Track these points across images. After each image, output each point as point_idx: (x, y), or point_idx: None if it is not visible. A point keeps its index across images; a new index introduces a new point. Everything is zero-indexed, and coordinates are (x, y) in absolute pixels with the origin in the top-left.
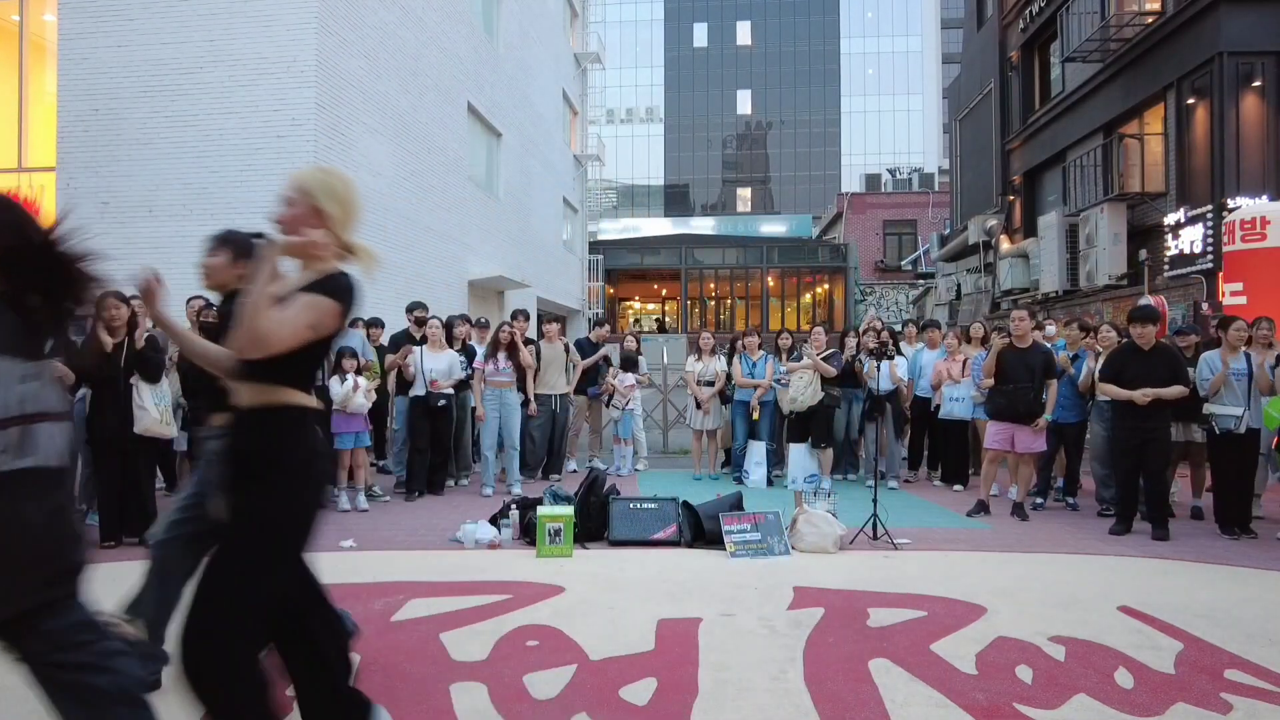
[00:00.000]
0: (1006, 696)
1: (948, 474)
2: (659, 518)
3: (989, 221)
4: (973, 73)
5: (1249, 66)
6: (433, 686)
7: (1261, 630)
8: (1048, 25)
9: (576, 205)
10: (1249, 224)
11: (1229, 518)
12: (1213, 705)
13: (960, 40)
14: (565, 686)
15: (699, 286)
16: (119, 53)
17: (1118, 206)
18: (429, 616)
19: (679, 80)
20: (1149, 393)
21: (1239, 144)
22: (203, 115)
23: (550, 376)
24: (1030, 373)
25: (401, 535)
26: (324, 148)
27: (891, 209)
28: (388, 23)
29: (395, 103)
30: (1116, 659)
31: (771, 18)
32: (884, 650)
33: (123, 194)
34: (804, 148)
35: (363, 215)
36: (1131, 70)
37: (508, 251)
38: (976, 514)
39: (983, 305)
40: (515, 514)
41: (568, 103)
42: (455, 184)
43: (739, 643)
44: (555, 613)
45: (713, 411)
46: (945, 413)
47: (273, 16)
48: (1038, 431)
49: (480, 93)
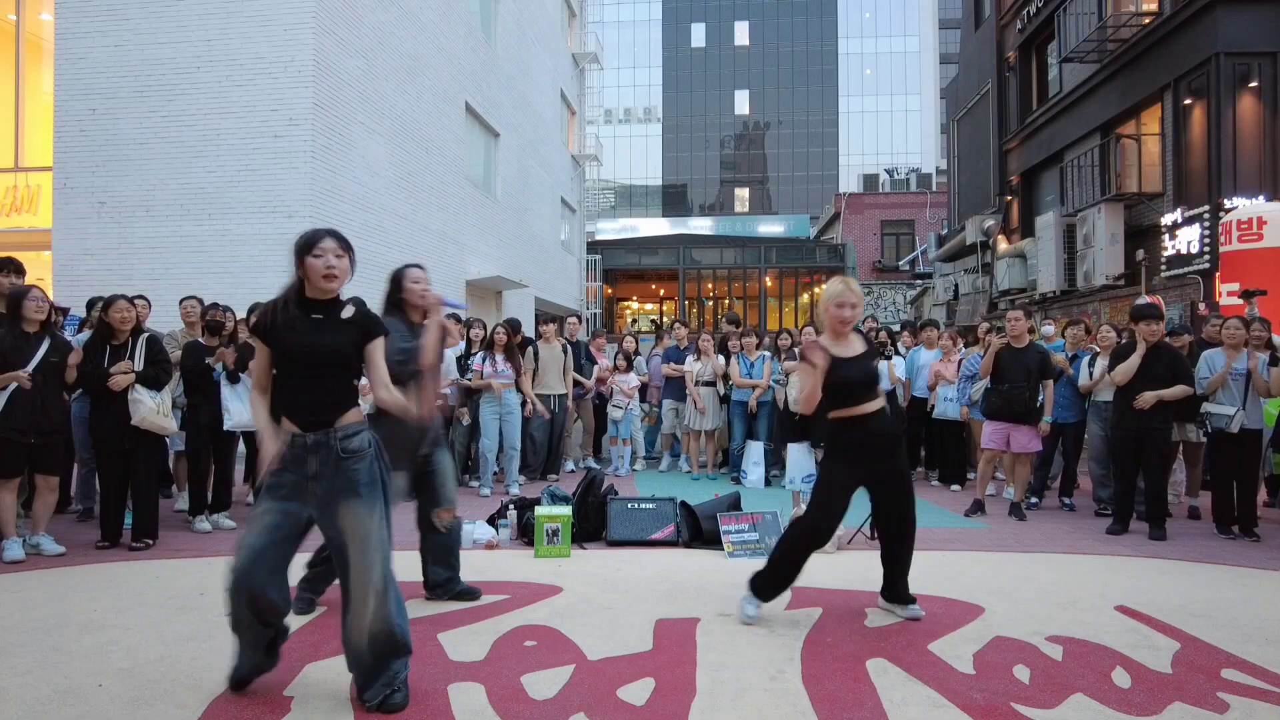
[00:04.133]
0: (1004, 696)
1: (945, 474)
2: (657, 518)
3: (986, 222)
4: (970, 73)
5: (1246, 67)
6: (431, 686)
7: (1259, 630)
8: (1045, 26)
9: (574, 205)
10: (1246, 224)
11: (1227, 518)
12: (1210, 705)
13: (958, 40)
14: (563, 687)
15: (697, 286)
16: (116, 52)
17: (1115, 207)
18: (427, 617)
19: (677, 80)
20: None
21: (1236, 144)
22: (200, 115)
23: (549, 377)
24: (1026, 373)
25: (399, 535)
26: (321, 148)
27: (889, 209)
28: (385, 23)
29: (393, 103)
30: (1114, 658)
31: (769, 18)
32: (882, 650)
33: (119, 194)
34: (802, 148)
35: (358, 215)
36: (1129, 71)
37: (505, 252)
38: (973, 514)
39: (980, 305)
40: (513, 514)
41: (566, 103)
42: (453, 184)
43: (737, 643)
44: (553, 613)
45: (710, 411)
46: (940, 413)
47: (270, 16)
48: (1040, 434)
49: (478, 93)
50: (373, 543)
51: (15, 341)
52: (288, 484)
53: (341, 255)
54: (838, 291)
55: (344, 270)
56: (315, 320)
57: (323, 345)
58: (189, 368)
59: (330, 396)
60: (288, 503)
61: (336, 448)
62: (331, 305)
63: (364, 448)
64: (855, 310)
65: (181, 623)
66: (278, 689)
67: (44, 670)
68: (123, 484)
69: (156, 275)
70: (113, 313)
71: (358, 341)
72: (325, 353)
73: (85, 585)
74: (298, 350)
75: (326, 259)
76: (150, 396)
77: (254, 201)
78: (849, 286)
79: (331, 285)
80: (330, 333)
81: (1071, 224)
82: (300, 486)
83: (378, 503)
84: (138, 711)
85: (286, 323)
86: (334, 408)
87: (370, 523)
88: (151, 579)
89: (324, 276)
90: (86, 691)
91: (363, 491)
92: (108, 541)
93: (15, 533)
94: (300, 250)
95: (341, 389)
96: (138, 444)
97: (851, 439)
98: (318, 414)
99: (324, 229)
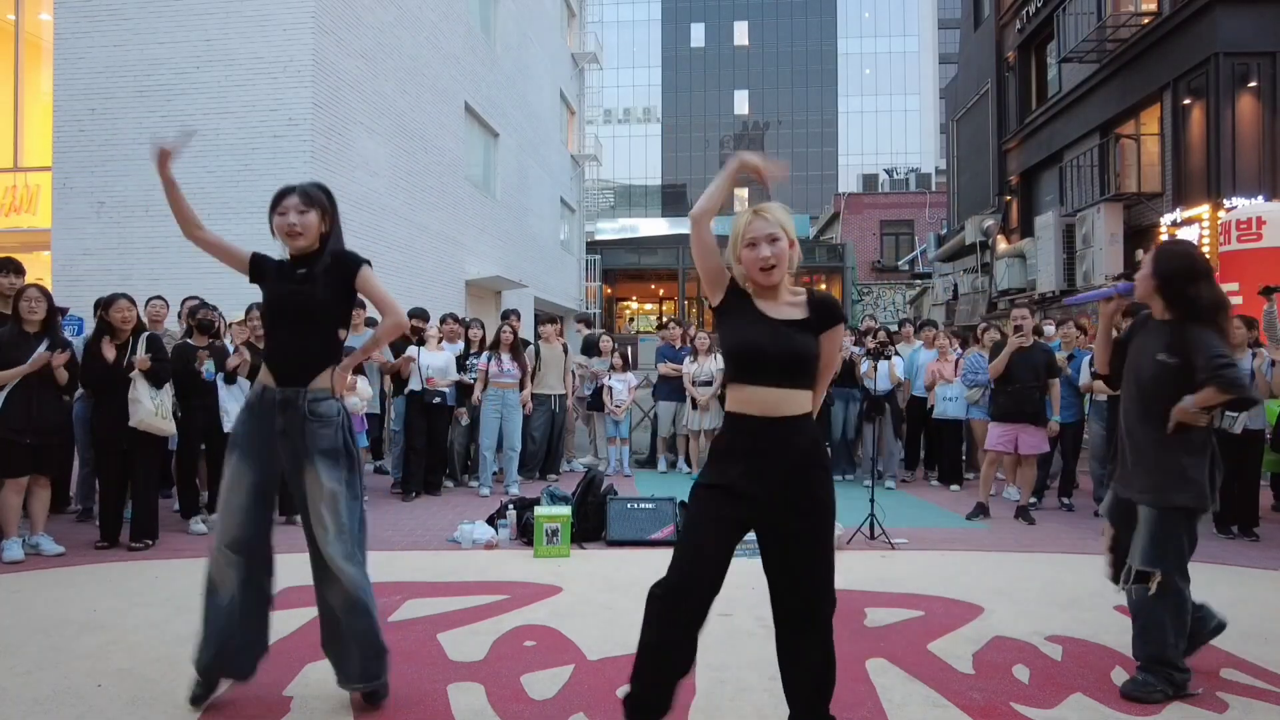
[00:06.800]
0: (1003, 696)
1: (944, 474)
2: (656, 518)
3: (986, 222)
4: (970, 73)
5: (1245, 67)
6: (430, 687)
7: (1258, 629)
8: (1044, 26)
9: (574, 205)
10: (1245, 224)
11: (1228, 517)
12: (1209, 704)
13: (957, 40)
14: (563, 686)
15: (697, 286)
16: (115, 52)
17: (1114, 207)
18: (426, 617)
19: (676, 80)
20: None
21: (1235, 144)
22: (199, 115)
23: (549, 377)
24: (1034, 372)
25: (399, 536)
26: (321, 148)
27: (888, 209)
28: (385, 22)
29: (392, 103)
30: (1113, 658)
31: (769, 18)
32: (881, 650)
33: (119, 194)
34: (801, 148)
35: (358, 215)
36: (1128, 71)
37: (505, 251)
38: (976, 516)
39: (979, 305)
40: (512, 514)
41: (565, 103)
42: (452, 184)
43: (736, 643)
44: (553, 613)
45: (710, 411)
46: (939, 413)
47: (269, 16)
48: (1049, 434)
49: (477, 93)
50: (337, 509)
51: (15, 340)
52: (258, 438)
53: (305, 210)
54: (744, 222)
55: (308, 225)
56: (300, 274)
57: (303, 295)
58: (177, 370)
59: (308, 353)
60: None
61: (304, 408)
62: (315, 259)
63: (330, 415)
64: (777, 246)
65: (181, 623)
66: (278, 689)
67: (44, 670)
68: (123, 484)
69: (156, 275)
70: (114, 312)
71: (339, 285)
72: (308, 305)
73: (85, 585)
74: (282, 300)
75: (288, 217)
76: (149, 398)
77: (254, 201)
78: (759, 214)
79: (296, 243)
80: (311, 284)
81: (1071, 224)
82: (270, 441)
83: (339, 471)
84: (138, 711)
85: (279, 273)
86: (310, 365)
87: (332, 489)
88: (151, 579)
89: (287, 234)
90: (86, 691)
91: (324, 458)
92: (107, 541)
93: (16, 533)
94: (269, 210)
95: (321, 345)
96: (137, 444)
97: (738, 445)
98: (294, 368)
99: (291, 185)
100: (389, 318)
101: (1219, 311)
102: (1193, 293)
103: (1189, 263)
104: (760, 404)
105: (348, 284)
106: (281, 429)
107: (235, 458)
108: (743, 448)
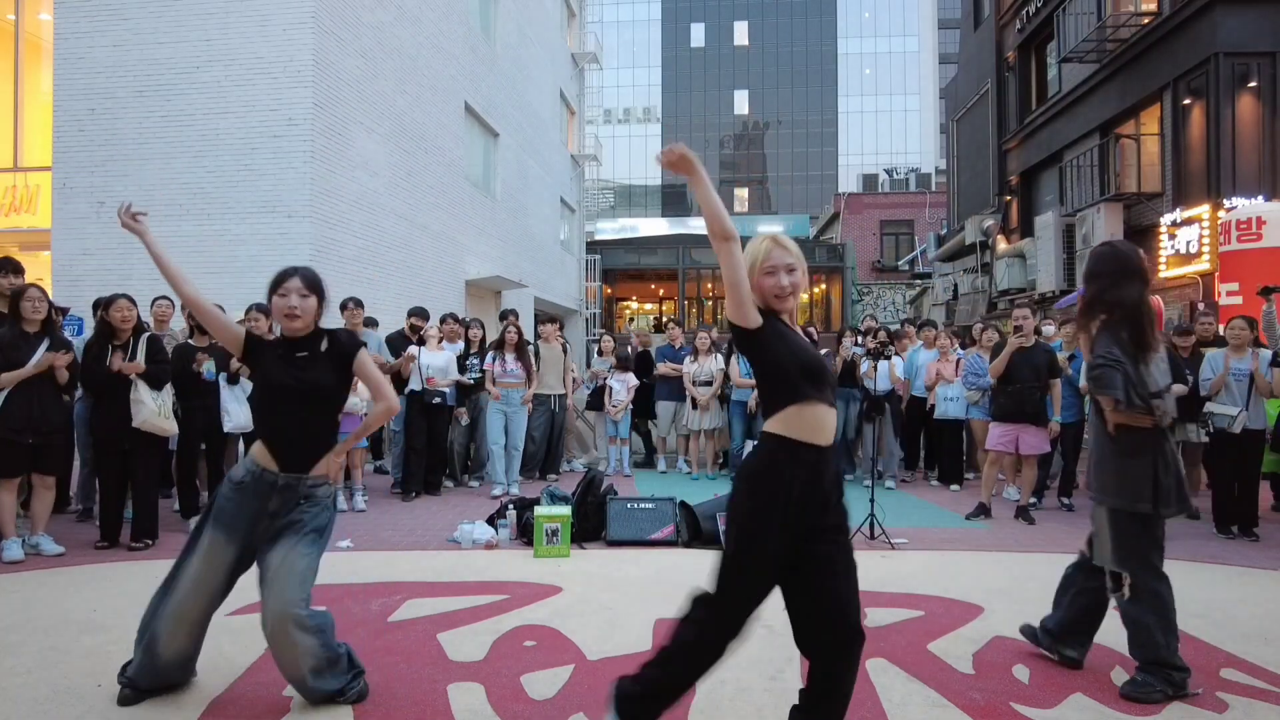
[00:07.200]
0: (1003, 696)
1: (945, 474)
2: (656, 518)
3: (986, 221)
4: (970, 73)
5: (1245, 67)
6: (430, 687)
7: (1257, 629)
8: (1044, 26)
9: (574, 205)
10: (1245, 224)
11: (1228, 517)
12: (1208, 704)
13: (957, 41)
14: (563, 686)
15: (696, 286)
16: (115, 52)
17: (1114, 207)
18: (426, 617)
19: (676, 80)
20: None
21: (1235, 144)
22: (199, 115)
23: (549, 377)
24: (1036, 372)
25: (399, 536)
26: (320, 148)
27: (888, 209)
28: (384, 22)
29: (392, 102)
30: (1113, 658)
31: (769, 18)
32: (881, 650)
33: (119, 194)
34: (801, 148)
35: (357, 215)
36: (1128, 71)
37: (505, 251)
38: (976, 516)
39: (979, 305)
40: (512, 514)
41: (565, 102)
42: (452, 184)
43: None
44: (553, 613)
45: (710, 411)
46: (940, 413)
47: (268, 16)
48: (1050, 435)
49: (477, 92)
50: (307, 579)
51: (15, 340)
52: (245, 517)
53: (306, 295)
54: (764, 251)
55: (307, 310)
56: (300, 358)
57: (309, 382)
58: (177, 371)
59: (310, 437)
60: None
61: (303, 493)
62: (313, 340)
63: (325, 498)
64: (794, 276)
65: None
66: (277, 689)
67: (44, 670)
68: (123, 484)
69: (156, 275)
70: (114, 312)
71: (339, 369)
72: (314, 391)
73: (85, 585)
74: (282, 385)
75: (289, 299)
76: (151, 398)
77: (253, 201)
78: (779, 244)
79: (293, 325)
80: (312, 368)
81: (1071, 224)
82: (256, 520)
83: (320, 545)
84: (137, 711)
85: (277, 355)
86: (313, 451)
87: (308, 564)
88: (151, 579)
89: (285, 316)
90: (86, 691)
91: (313, 533)
92: (107, 541)
93: (15, 533)
94: (269, 289)
95: (322, 428)
96: (138, 444)
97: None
98: (298, 453)
99: (294, 267)
100: (380, 403)
101: (1139, 314)
102: (1113, 295)
103: (1115, 265)
104: (822, 426)
105: (347, 368)
106: (273, 511)
107: (217, 532)
108: (802, 480)
